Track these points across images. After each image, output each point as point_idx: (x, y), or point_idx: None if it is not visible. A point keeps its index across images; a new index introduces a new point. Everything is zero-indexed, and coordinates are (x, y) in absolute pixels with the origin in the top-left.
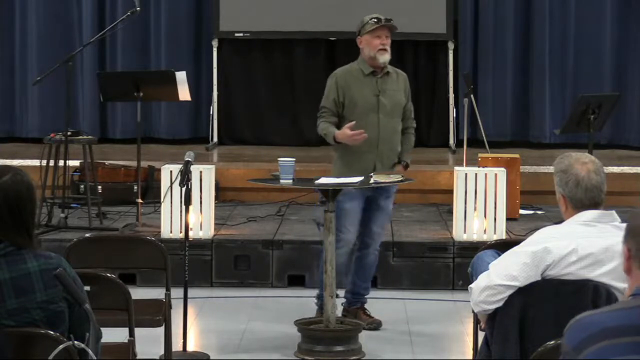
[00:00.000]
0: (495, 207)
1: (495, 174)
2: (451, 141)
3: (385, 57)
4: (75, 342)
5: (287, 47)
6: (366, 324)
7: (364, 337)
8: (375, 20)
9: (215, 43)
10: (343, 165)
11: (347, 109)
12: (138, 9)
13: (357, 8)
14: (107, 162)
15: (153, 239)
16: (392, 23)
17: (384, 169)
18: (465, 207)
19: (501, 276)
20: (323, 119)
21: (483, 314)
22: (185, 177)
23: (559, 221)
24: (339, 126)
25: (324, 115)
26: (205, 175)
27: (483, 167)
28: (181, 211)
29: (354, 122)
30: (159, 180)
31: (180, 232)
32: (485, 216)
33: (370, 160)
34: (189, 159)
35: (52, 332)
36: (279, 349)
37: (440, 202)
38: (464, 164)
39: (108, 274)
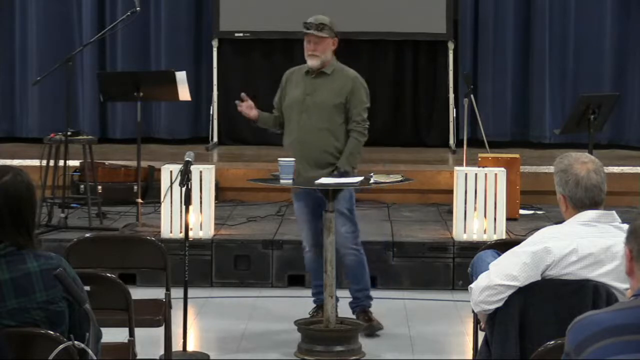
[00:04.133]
0: (495, 207)
1: (495, 174)
2: (451, 141)
3: (313, 63)
4: (75, 342)
5: (287, 47)
6: (362, 330)
7: (364, 337)
8: (305, 26)
9: (215, 43)
10: None
11: (283, 107)
12: (138, 9)
13: (357, 8)
14: (107, 162)
15: (153, 239)
16: (311, 30)
17: (311, 171)
18: (465, 207)
19: (501, 276)
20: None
21: (483, 314)
22: (185, 177)
23: (559, 221)
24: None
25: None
26: (205, 175)
27: (483, 167)
28: (181, 211)
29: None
30: (159, 180)
31: (180, 232)
32: (485, 216)
33: (296, 162)
34: (189, 159)
35: (52, 332)
36: (279, 349)
37: (440, 202)
38: (464, 164)
39: (108, 274)
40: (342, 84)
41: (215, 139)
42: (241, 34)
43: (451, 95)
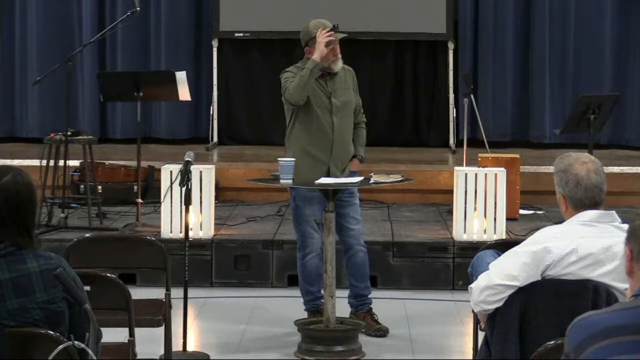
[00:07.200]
0: (495, 207)
1: (495, 174)
2: (451, 141)
3: (339, 65)
4: (75, 342)
5: (287, 47)
6: (372, 331)
7: (364, 337)
8: (335, 29)
9: (215, 43)
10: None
11: (302, 108)
12: (138, 9)
13: (357, 8)
14: (107, 162)
15: (153, 239)
16: (339, 32)
17: (338, 172)
18: (465, 207)
19: (501, 276)
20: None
21: (483, 314)
22: (185, 177)
23: (559, 221)
24: (290, 125)
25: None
26: (205, 175)
27: (483, 167)
28: (181, 211)
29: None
30: (159, 180)
31: (180, 232)
32: (485, 216)
33: (324, 163)
34: (189, 159)
35: (52, 332)
36: (279, 349)
37: (440, 202)
38: (464, 164)
39: (108, 274)
40: (352, 81)
41: (215, 139)
42: (241, 34)
43: (451, 95)
